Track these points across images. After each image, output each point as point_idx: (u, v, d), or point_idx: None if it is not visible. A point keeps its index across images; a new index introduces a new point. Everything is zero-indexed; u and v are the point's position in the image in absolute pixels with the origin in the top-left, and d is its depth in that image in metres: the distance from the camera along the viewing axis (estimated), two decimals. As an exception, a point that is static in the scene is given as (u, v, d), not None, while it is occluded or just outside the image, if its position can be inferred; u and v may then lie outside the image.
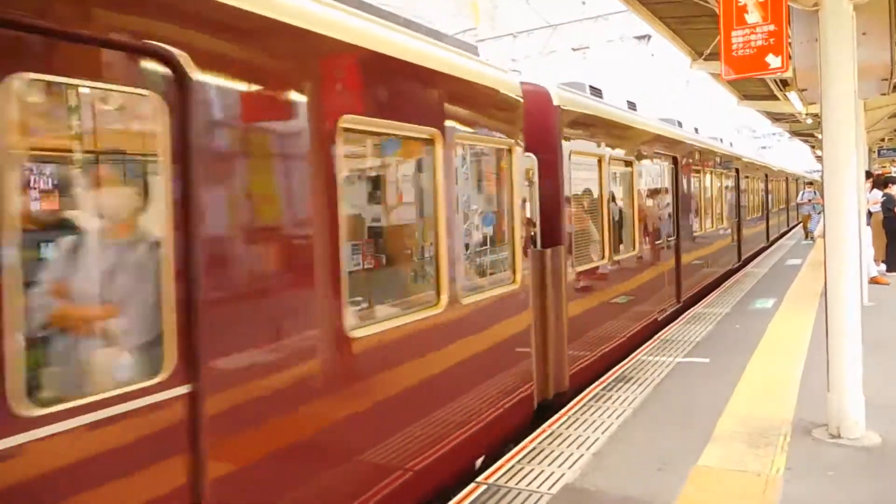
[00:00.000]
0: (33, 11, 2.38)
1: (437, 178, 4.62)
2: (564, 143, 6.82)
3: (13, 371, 2.26)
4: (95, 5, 2.62)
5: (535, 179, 6.60)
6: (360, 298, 4.23)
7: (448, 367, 4.72)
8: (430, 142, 4.60)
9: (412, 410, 4.35)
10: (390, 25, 4.39)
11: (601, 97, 8.41)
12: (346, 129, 3.75)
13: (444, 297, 4.61)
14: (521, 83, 6.08)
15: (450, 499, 4.48)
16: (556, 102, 6.84)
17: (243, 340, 3.13)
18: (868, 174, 13.47)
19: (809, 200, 22.80)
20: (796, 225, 30.93)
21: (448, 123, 4.74)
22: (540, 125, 6.55)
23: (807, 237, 22.82)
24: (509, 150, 5.70)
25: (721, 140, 17.10)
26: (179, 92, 2.80)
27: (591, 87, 8.19)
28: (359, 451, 3.88)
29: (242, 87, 3.19)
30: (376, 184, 5.05)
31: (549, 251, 6.53)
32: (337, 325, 3.65)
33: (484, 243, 5.84)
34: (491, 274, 5.76)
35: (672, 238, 10.85)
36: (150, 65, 2.74)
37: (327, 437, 3.67)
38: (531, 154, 6.37)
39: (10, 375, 2.24)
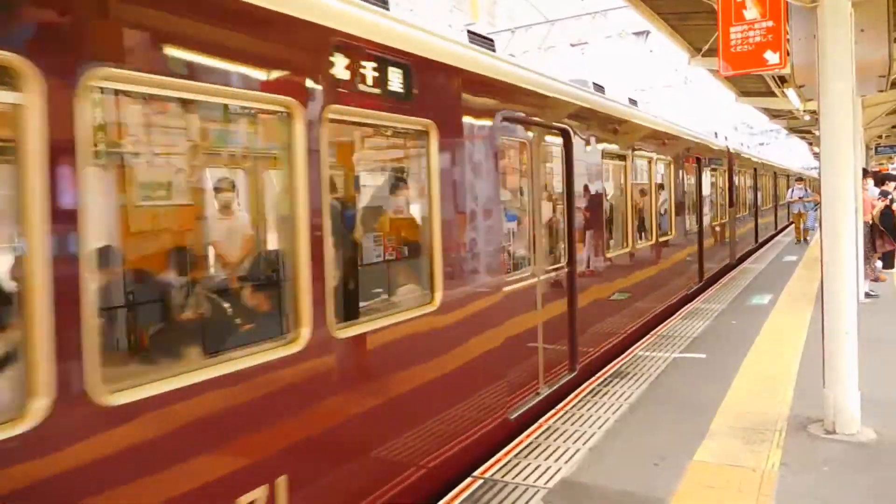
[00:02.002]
0: None
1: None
2: None
3: None
4: None
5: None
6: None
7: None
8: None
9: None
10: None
11: None
12: None
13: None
14: None
15: (446, 493, 4.49)
16: None
17: None
18: (865, 171, 13.46)
19: (800, 198, 20.99)
20: (771, 239, 23.53)
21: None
22: None
23: (799, 239, 20.91)
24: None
25: (603, 91, 8.57)
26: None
27: None
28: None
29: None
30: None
31: None
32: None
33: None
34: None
35: None
36: None
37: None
38: None
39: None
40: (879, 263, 13.10)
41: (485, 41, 5.82)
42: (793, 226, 22.45)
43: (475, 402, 5.08)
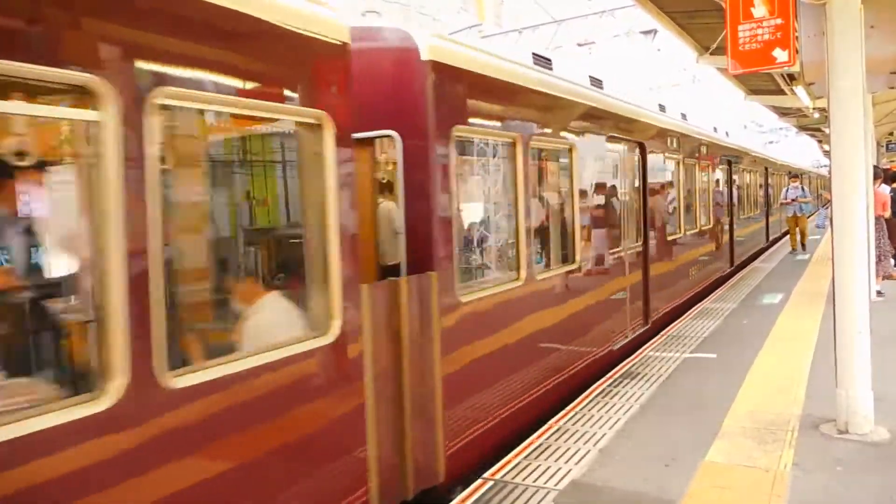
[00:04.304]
0: None
1: None
2: None
3: None
4: None
5: None
6: None
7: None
8: None
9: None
10: None
11: None
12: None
13: None
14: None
15: (457, 494, 4.48)
16: None
17: None
18: (876, 169, 13.35)
19: (794, 199, 17.73)
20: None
21: None
22: None
23: (795, 247, 17.89)
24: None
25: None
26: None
27: None
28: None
29: None
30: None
31: None
32: None
33: None
34: None
35: None
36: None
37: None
38: None
39: None
40: (893, 261, 12.99)
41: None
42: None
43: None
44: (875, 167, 12.16)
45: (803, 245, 17.75)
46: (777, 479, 4.49)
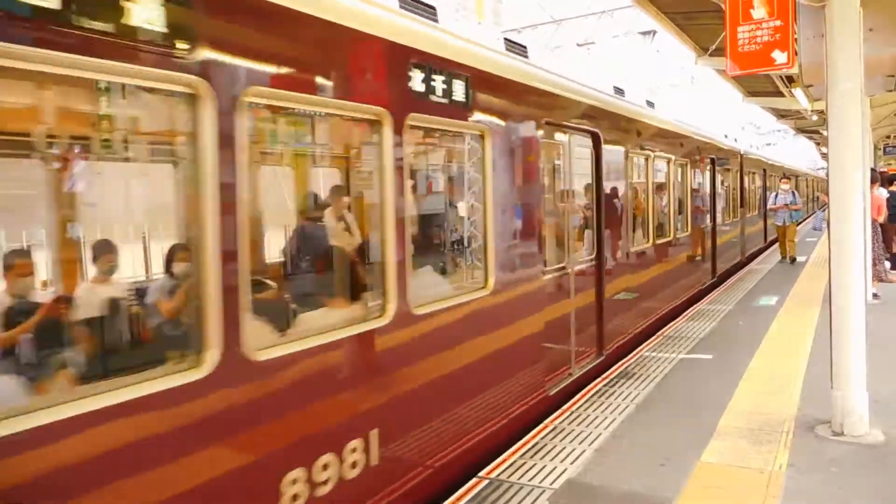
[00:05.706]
0: None
1: None
2: None
3: None
4: None
5: None
6: None
7: None
8: None
9: None
10: None
11: None
12: None
13: None
14: None
15: (452, 493, 4.49)
16: None
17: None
18: (873, 172, 13.37)
19: (786, 205, 15.84)
20: None
21: None
22: None
23: (785, 255, 16.13)
24: None
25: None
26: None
27: None
28: None
29: None
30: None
31: None
32: None
33: None
34: None
35: None
36: None
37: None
38: None
39: None
40: (888, 264, 13.02)
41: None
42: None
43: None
44: (872, 170, 12.18)
45: (792, 259, 15.96)
46: (772, 479, 4.50)
